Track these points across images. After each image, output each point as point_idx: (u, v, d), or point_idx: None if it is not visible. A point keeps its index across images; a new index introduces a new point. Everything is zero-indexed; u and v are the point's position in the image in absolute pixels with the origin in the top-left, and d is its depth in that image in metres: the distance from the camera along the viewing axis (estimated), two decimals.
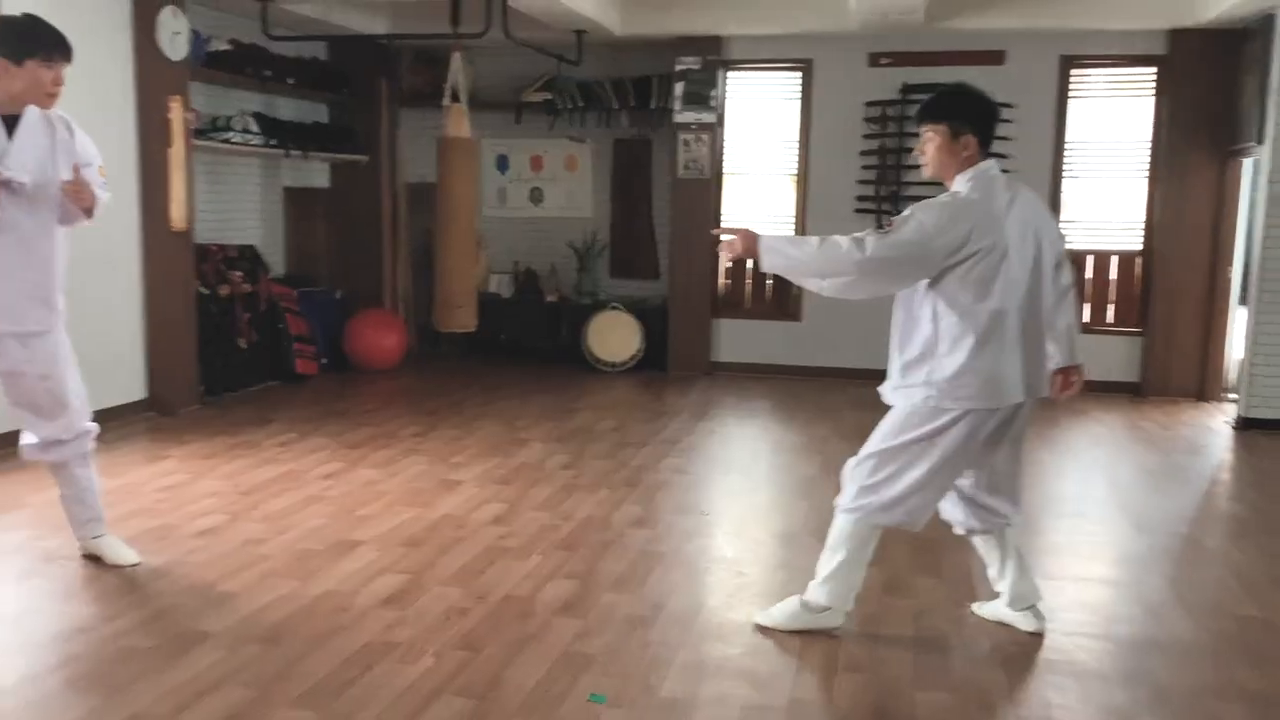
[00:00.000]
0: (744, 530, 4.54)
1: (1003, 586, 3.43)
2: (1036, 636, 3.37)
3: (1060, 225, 3.41)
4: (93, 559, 3.85)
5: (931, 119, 3.18)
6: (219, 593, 3.58)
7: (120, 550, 3.85)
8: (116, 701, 2.81)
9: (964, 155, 3.14)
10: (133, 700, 2.81)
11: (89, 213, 3.68)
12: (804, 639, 3.32)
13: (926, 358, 3.14)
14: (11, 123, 3.52)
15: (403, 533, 4.25)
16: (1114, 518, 4.81)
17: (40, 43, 3.45)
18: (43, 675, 2.98)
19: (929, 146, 3.20)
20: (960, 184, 3.15)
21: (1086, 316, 8.03)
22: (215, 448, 5.59)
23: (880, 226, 3.27)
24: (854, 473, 3.30)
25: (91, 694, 2.85)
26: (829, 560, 3.32)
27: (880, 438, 3.27)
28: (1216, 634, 3.46)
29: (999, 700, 2.98)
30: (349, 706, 2.80)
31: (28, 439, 3.81)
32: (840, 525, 3.31)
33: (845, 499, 3.30)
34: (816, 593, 3.32)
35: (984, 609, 3.53)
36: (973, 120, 3.14)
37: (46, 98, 3.52)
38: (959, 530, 3.45)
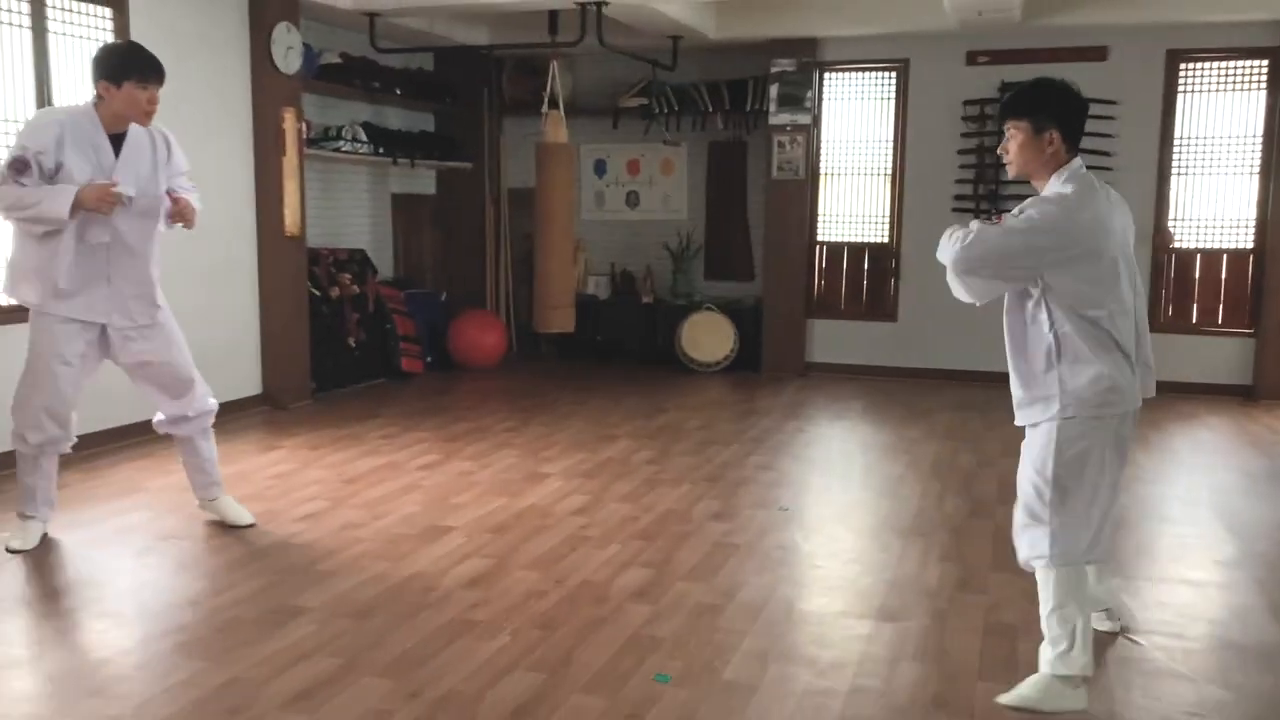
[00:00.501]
0: (823, 526, 4.60)
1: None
2: (1111, 634, 3.35)
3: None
4: (215, 524, 4.24)
5: (1014, 115, 3.03)
6: (317, 571, 3.82)
7: (237, 510, 4.31)
8: (219, 666, 3.05)
9: (1049, 152, 2.97)
10: (233, 665, 3.05)
11: (191, 225, 4.11)
12: (873, 631, 3.37)
13: (1051, 368, 2.93)
14: (117, 141, 3.88)
15: (490, 520, 4.44)
16: (1208, 520, 4.70)
17: (135, 66, 3.80)
18: (156, 640, 3.25)
19: (1012, 144, 3.04)
20: (1057, 184, 2.98)
21: (1194, 317, 7.80)
22: (322, 439, 5.90)
23: (986, 217, 3.16)
24: (1031, 523, 3.00)
25: (197, 658, 3.10)
26: (1051, 624, 2.96)
27: (1035, 473, 3.00)
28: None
29: None
30: (429, 676, 2.98)
31: (158, 416, 4.31)
32: (1044, 580, 2.98)
33: (1036, 549, 2.97)
34: (1059, 663, 2.90)
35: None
36: (1057, 116, 2.96)
37: (144, 116, 3.85)
38: None
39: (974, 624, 3.46)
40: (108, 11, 5.63)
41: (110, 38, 5.64)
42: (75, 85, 5.45)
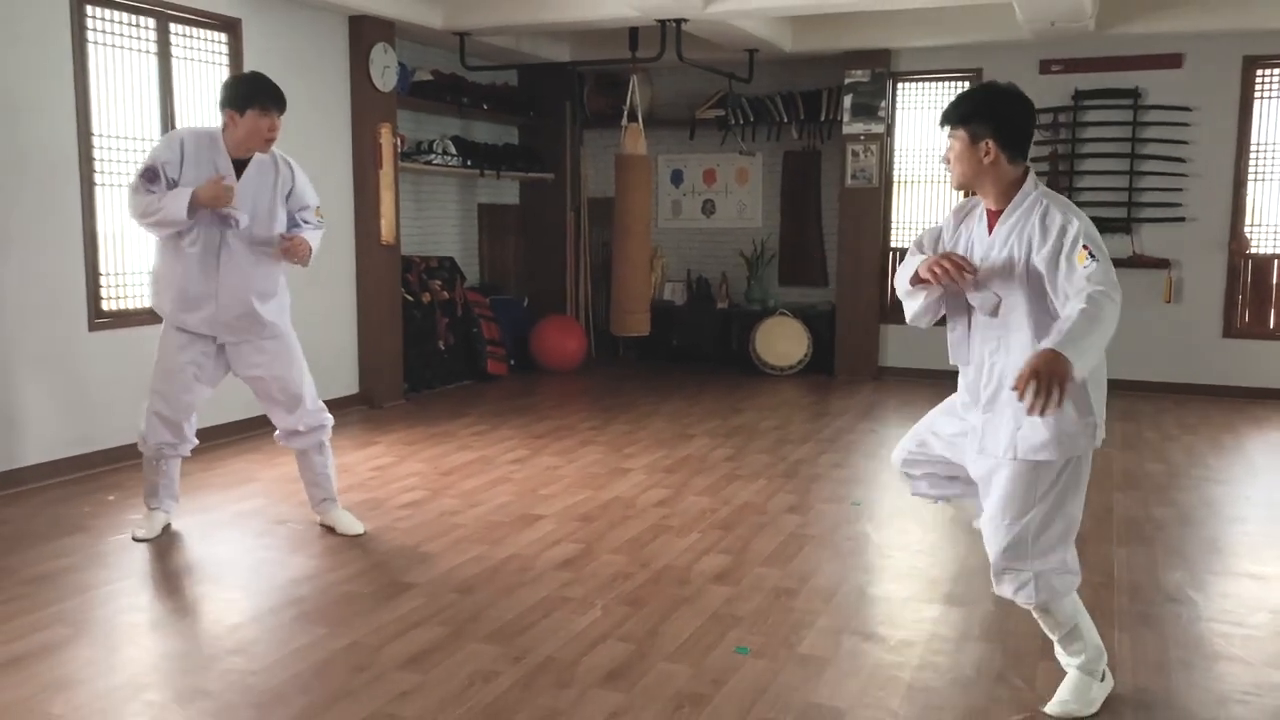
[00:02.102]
0: (893, 519, 4.79)
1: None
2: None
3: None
4: (327, 529, 4.48)
5: (949, 123, 2.83)
6: (421, 552, 4.14)
7: (348, 520, 4.42)
8: (339, 632, 3.37)
9: (987, 162, 2.73)
10: (352, 632, 3.37)
11: (304, 263, 4.24)
12: (941, 614, 3.57)
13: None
14: (240, 166, 4.09)
15: (578, 510, 4.73)
16: (1275, 520, 4.79)
17: (257, 95, 4.02)
18: (279, 610, 3.59)
19: (951, 154, 2.83)
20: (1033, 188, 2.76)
21: (1271, 323, 7.80)
22: (417, 436, 6.26)
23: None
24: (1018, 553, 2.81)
25: (318, 626, 3.42)
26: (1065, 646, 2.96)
27: (1024, 502, 2.77)
28: None
29: (1121, 672, 3.15)
30: (528, 643, 3.27)
31: (276, 430, 4.47)
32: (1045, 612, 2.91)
33: (1027, 591, 2.83)
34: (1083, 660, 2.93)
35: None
36: (992, 124, 2.72)
37: (264, 143, 4.08)
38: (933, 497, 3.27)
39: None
40: (224, 36, 6.07)
41: (226, 60, 6.08)
42: (196, 106, 5.89)
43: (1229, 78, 7.64)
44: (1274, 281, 7.76)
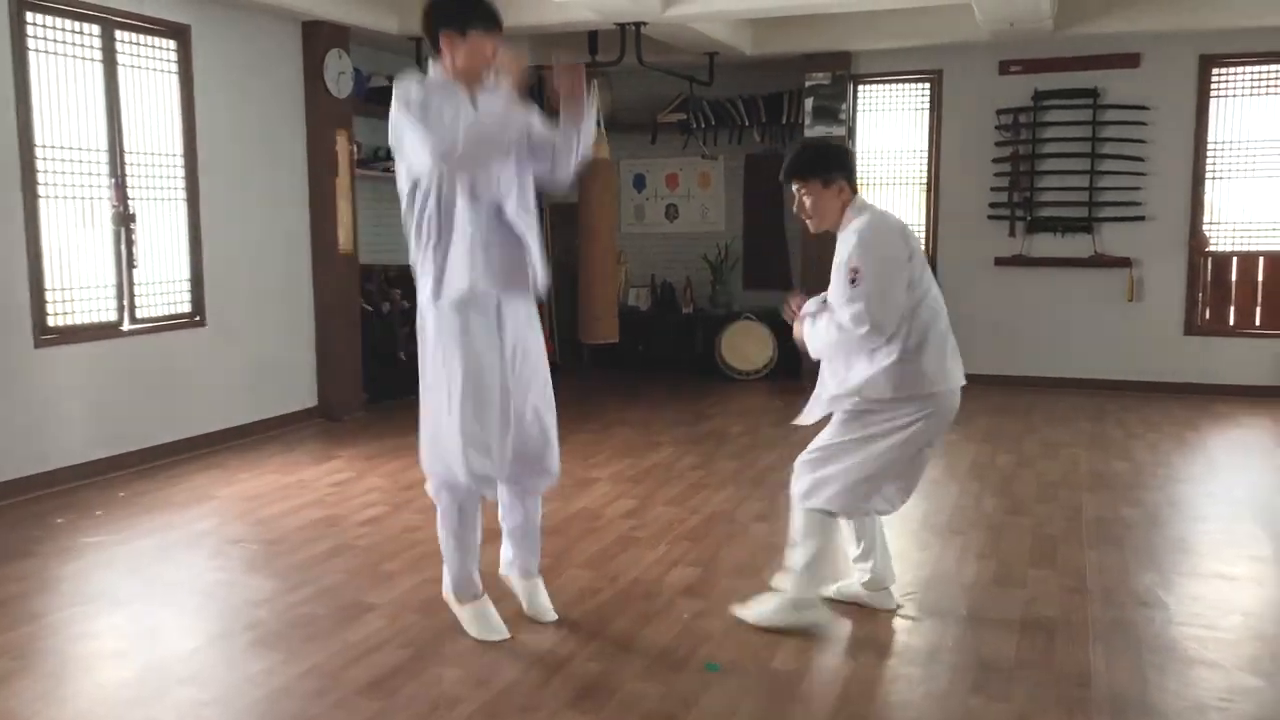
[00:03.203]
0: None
1: (864, 567, 3.64)
2: (892, 615, 3.58)
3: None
4: (283, 529, 4.32)
5: (801, 176, 3.40)
6: (382, 571, 4.03)
7: (545, 603, 3.56)
8: (297, 657, 3.25)
9: (841, 200, 3.39)
10: (310, 656, 3.26)
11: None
12: (913, 624, 3.52)
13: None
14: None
15: (544, 523, 4.58)
16: (1244, 518, 4.79)
17: (479, 10, 3.19)
18: (234, 635, 3.46)
19: (808, 201, 3.39)
20: (855, 217, 3.37)
21: (1231, 320, 7.85)
22: (378, 449, 6.13)
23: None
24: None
25: (275, 651, 3.31)
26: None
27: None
28: None
29: (1095, 679, 3.11)
30: (490, 667, 3.17)
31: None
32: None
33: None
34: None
35: (839, 589, 3.70)
36: (842, 168, 3.39)
37: (484, 69, 3.19)
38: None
39: (1011, 618, 3.59)
40: (172, 43, 5.92)
41: (175, 68, 5.94)
42: (144, 115, 5.74)
43: (1186, 77, 7.69)
44: (1233, 279, 7.82)
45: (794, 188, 3.42)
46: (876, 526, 3.69)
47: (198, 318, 6.15)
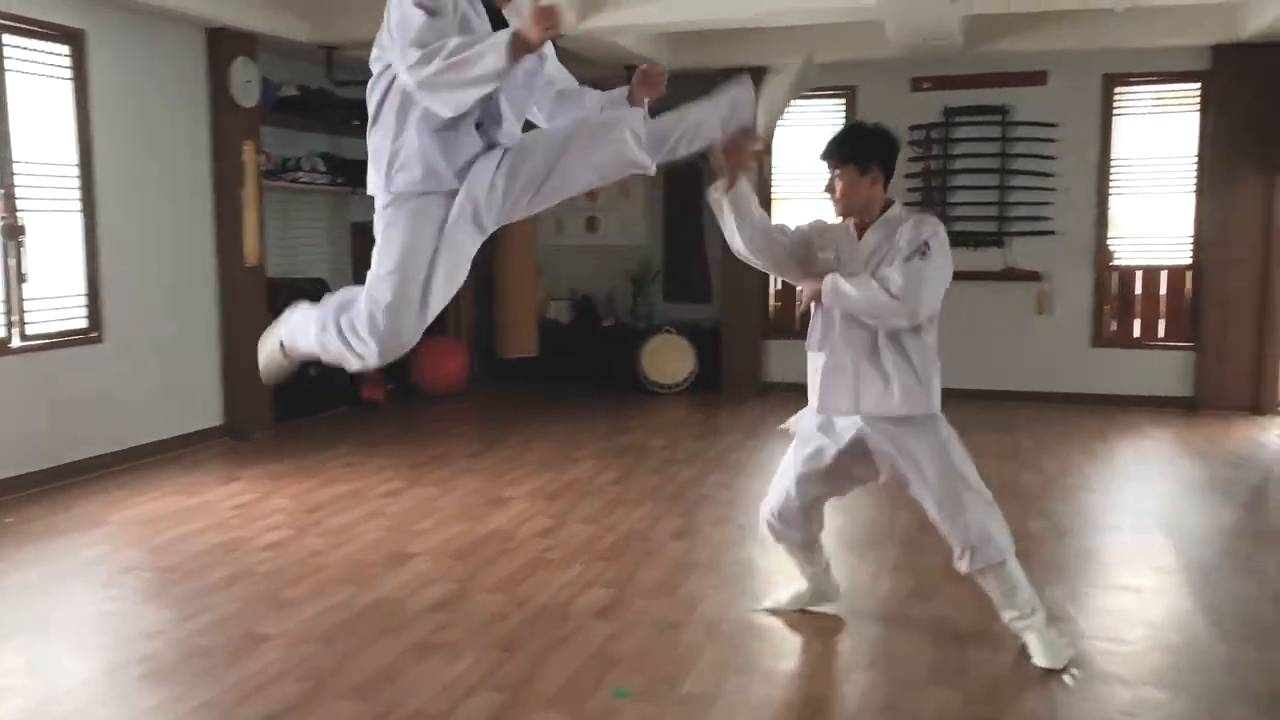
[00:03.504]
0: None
1: (806, 579, 3.70)
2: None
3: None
4: (180, 556, 4.16)
5: (840, 159, 3.35)
6: (282, 599, 3.88)
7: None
8: (190, 692, 3.10)
9: (876, 190, 3.33)
10: (202, 692, 3.11)
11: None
12: (828, 643, 3.49)
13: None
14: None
15: (453, 545, 4.52)
16: (1150, 529, 4.87)
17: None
18: (124, 668, 3.29)
19: (839, 184, 3.34)
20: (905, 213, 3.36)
21: (1137, 332, 8.05)
22: (284, 469, 5.95)
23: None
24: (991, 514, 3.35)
25: (166, 686, 3.15)
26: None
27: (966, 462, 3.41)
28: (1233, 637, 3.54)
29: (1008, 696, 3.12)
30: (393, 698, 3.06)
31: None
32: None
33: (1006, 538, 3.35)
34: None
35: (780, 601, 3.75)
36: (879, 157, 3.33)
37: None
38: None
39: (925, 632, 3.58)
40: (65, 49, 5.68)
41: (69, 75, 5.70)
42: (35, 123, 5.50)
43: (1090, 95, 7.88)
44: (1138, 292, 8.01)
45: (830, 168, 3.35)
46: (820, 546, 3.71)
47: (94, 334, 5.91)
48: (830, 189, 3.36)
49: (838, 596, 3.77)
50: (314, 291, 7.70)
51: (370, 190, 2.88)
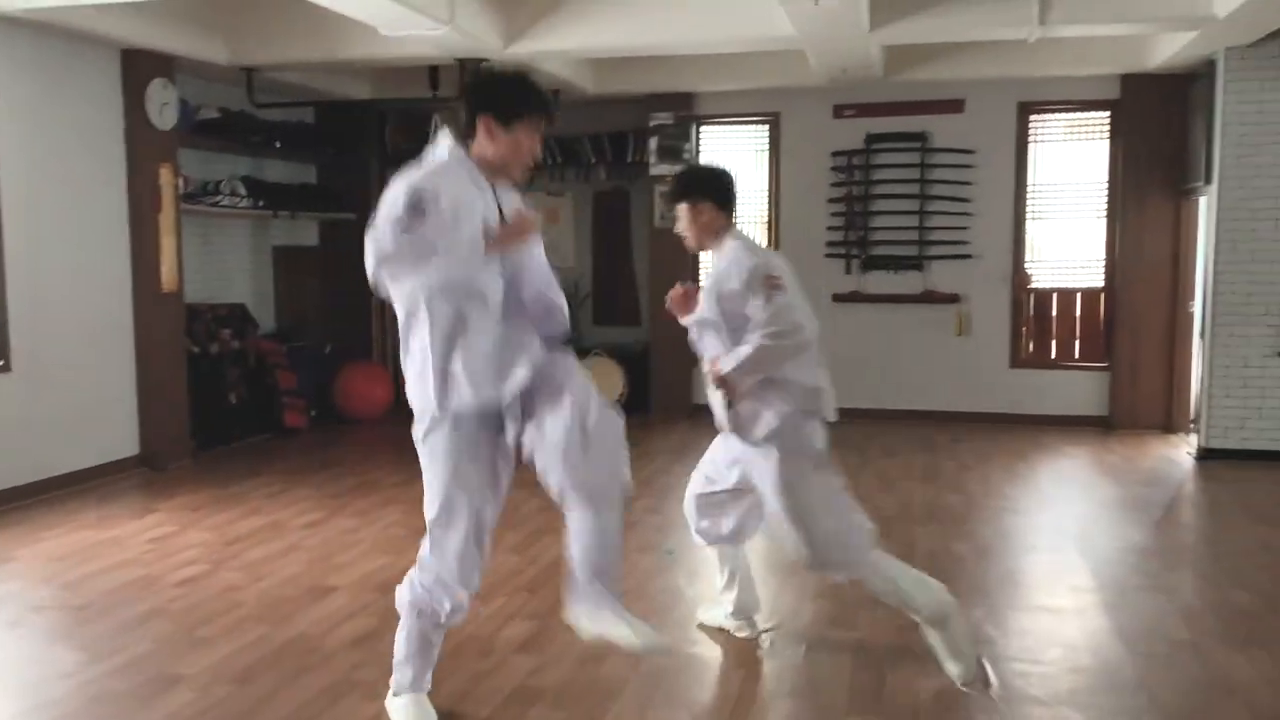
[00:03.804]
0: (705, 568, 4.71)
1: (728, 598, 3.78)
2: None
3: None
4: (91, 594, 4.02)
5: (675, 198, 3.61)
6: (196, 637, 3.78)
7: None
8: None
9: (705, 221, 3.57)
10: None
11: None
12: (750, 671, 3.50)
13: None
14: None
15: (375, 579, 4.45)
16: (1065, 548, 4.98)
17: (531, 105, 2.92)
18: (26, 715, 3.17)
19: (682, 222, 3.59)
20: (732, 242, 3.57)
21: (1053, 353, 8.26)
22: (202, 500, 5.81)
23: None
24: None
25: None
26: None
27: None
28: (1145, 657, 3.63)
29: (925, 717, 3.15)
30: None
31: None
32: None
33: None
34: None
35: (707, 615, 3.87)
36: (710, 193, 3.56)
37: (522, 169, 2.99)
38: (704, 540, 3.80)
39: (845, 658, 3.61)
40: None
41: None
42: None
43: (1006, 122, 8.09)
44: (1054, 314, 8.23)
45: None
46: (742, 556, 3.74)
47: (1, 362, 5.72)
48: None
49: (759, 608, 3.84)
50: (233, 317, 7.58)
51: None
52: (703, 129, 8.60)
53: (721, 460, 3.77)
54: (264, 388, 7.67)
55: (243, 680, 3.39)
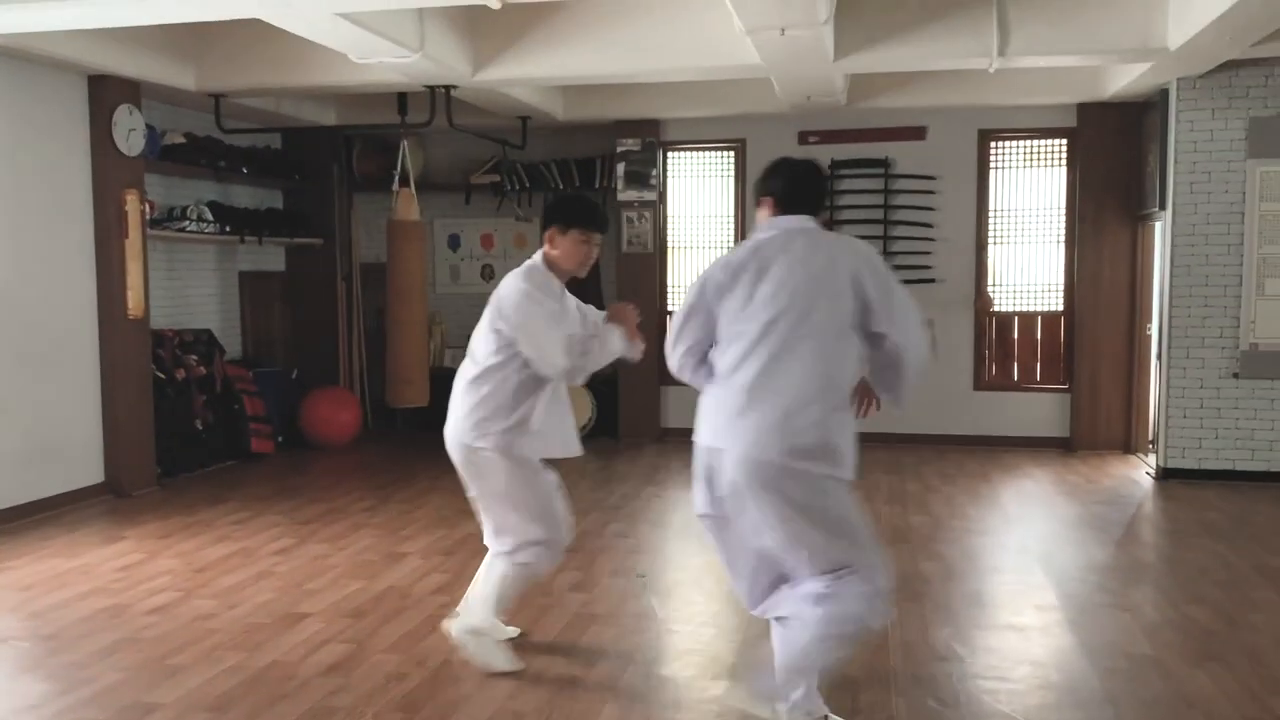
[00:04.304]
0: (677, 590, 4.77)
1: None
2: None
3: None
4: (59, 624, 3.98)
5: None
6: (169, 666, 3.76)
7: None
8: None
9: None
10: None
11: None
12: (725, 692, 3.53)
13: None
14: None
15: (348, 604, 4.44)
16: (1029, 568, 5.07)
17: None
18: None
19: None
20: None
21: (1015, 375, 8.40)
22: (171, 527, 5.76)
23: None
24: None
25: None
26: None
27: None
28: (1109, 672, 3.71)
29: None
30: None
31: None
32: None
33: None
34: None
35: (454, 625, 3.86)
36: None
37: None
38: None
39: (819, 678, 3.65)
40: None
41: None
42: None
43: (967, 149, 8.25)
44: (1015, 337, 8.37)
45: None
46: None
47: None
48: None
49: None
50: (199, 343, 7.54)
51: None
52: (669, 155, 8.69)
53: None
54: (230, 413, 7.62)
55: (219, 709, 3.38)
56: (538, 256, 3.78)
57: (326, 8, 4.91)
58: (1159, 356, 7.24)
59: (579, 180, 8.75)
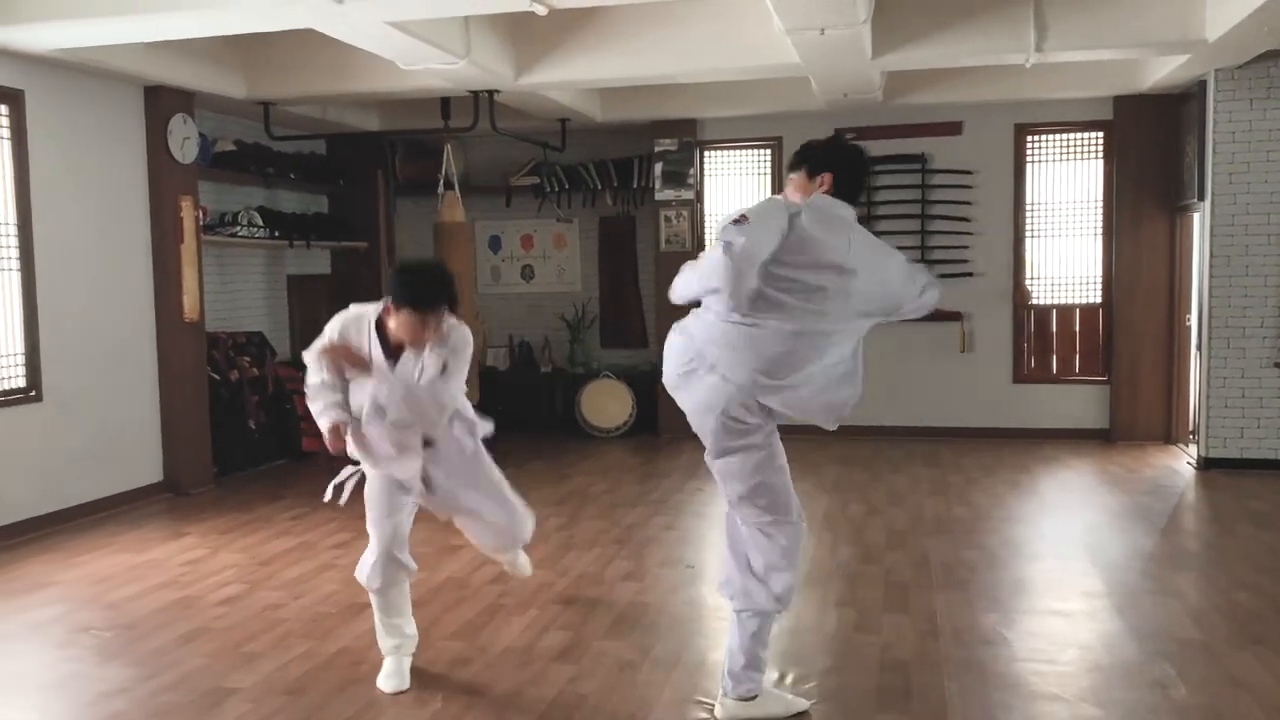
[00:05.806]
0: None
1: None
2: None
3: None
4: (136, 613, 4.15)
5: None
6: (244, 652, 3.92)
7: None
8: None
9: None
10: None
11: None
12: (778, 675, 3.64)
13: None
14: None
15: (411, 595, 4.57)
16: (1075, 556, 5.14)
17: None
18: None
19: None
20: None
21: (1054, 368, 8.43)
22: (231, 523, 5.94)
23: None
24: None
25: None
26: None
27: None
28: (1158, 656, 3.78)
29: (952, 716, 3.29)
30: None
31: None
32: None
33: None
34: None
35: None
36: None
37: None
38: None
39: (870, 663, 3.76)
40: (4, 108, 5.69)
41: (8, 134, 5.70)
42: None
43: (1003, 143, 8.29)
44: (1053, 330, 8.41)
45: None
46: None
47: (34, 393, 5.86)
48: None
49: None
50: (251, 345, 7.72)
51: None
52: (706, 154, 8.80)
53: None
54: (282, 413, 7.81)
55: (295, 691, 3.53)
56: (381, 303, 3.62)
57: (378, 17, 5.07)
58: (1199, 347, 7.26)
59: (617, 180, 8.88)
